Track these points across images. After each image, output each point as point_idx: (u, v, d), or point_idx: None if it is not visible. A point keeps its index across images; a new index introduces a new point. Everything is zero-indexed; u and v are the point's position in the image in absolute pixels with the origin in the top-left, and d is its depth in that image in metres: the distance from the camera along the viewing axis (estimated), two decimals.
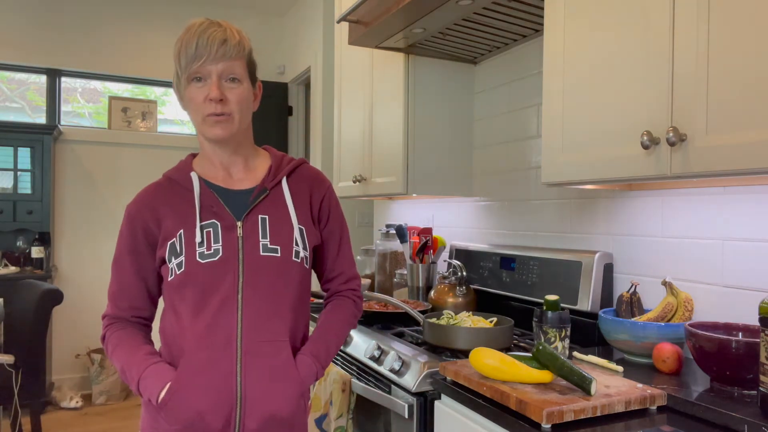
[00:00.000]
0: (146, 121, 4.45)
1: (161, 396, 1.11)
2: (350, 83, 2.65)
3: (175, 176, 1.23)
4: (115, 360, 1.18)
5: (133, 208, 1.21)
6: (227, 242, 1.16)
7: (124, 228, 1.21)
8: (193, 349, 1.14)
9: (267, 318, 1.17)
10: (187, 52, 1.11)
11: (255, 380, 1.14)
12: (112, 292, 1.23)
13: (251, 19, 4.67)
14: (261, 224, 1.18)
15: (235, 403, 1.13)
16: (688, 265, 1.49)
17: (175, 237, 1.16)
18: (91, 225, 4.24)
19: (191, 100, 1.14)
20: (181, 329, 1.16)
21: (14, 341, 2.90)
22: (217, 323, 1.14)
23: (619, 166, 1.26)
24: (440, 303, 2.05)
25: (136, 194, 1.24)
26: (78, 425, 3.53)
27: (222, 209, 1.18)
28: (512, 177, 2.14)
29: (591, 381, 1.10)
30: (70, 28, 4.15)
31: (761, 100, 1.00)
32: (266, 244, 1.17)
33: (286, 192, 1.23)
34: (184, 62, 1.12)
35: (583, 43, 1.37)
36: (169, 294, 1.18)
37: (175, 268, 1.15)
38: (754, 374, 1.14)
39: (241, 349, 1.15)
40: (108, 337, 1.21)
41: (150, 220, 1.19)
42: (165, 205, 1.19)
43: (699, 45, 1.10)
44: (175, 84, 1.19)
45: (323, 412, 1.75)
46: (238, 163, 1.23)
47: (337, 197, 2.80)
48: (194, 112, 1.15)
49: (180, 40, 1.13)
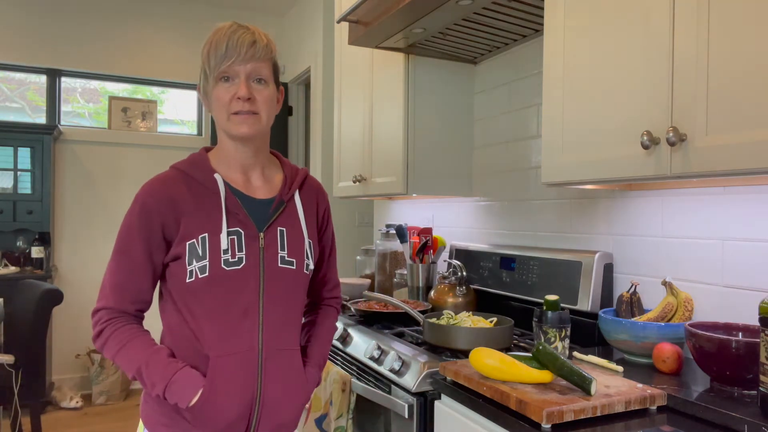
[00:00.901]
0: (146, 121, 4.45)
1: (193, 401, 1.12)
2: (350, 83, 2.65)
3: (194, 173, 1.20)
4: (124, 359, 1.14)
5: (149, 200, 1.16)
6: (250, 251, 1.17)
7: (135, 218, 1.16)
8: (217, 353, 1.14)
9: (282, 326, 1.21)
10: (216, 53, 1.13)
11: (272, 387, 1.18)
12: (116, 284, 1.17)
13: (251, 19, 4.67)
14: (280, 236, 1.21)
15: (254, 410, 1.16)
16: (688, 265, 1.49)
17: (195, 239, 1.15)
18: (91, 225, 4.24)
19: (218, 99, 1.16)
20: (196, 329, 1.16)
21: (14, 341, 2.90)
22: (240, 329, 1.16)
23: (619, 166, 1.26)
24: (440, 303, 2.05)
25: (150, 184, 1.18)
26: (78, 425, 3.53)
27: (246, 218, 1.18)
28: (512, 177, 2.14)
29: (591, 381, 1.10)
30: (70, 28, 4.15)
31: (761, 100, 1.00)
32: (284, 256, 1.21)
33: (299, 205, 1.26)
34: (213, 62, 1.13)
35: (583, 43, 1.37)
36: (182, 294, 1.16)
37: (197, 271, 1.14)
38: (754, 374, 1.14)
39: (262, 355, 1.18)
40: (109, 335, 1.15)
41: (169, 215, 1.15)
42: (186, 202, 1.17)
43: (699, 45, 1.10)
44: (200, 84, 1.20)
45: (323, 412, 1.75)
46: (257, 168, 1.25)
47: (338, 198, 2.81)
48: (220, 110, 1.16)
49: (209, 41, 1.15)
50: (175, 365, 1.13)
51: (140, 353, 1.14)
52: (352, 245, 3.91)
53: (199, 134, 4.69)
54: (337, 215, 3.87)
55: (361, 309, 1.99)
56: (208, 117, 4.62)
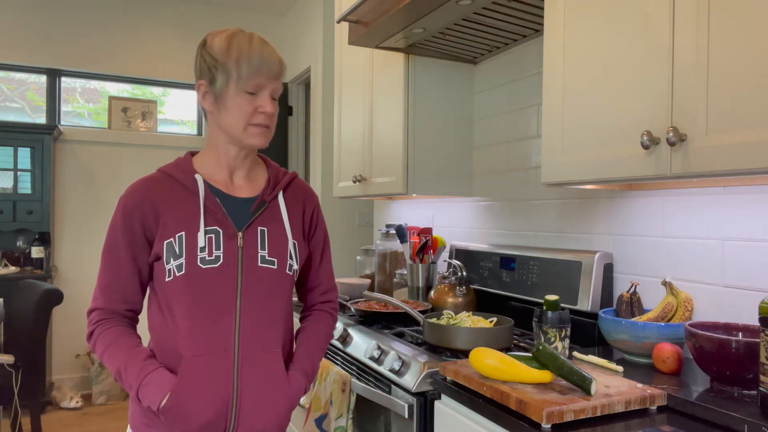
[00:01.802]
0: (146, 121, 4.45)
1: (162, 404, 1.11)
2: (350, 83, 2.65)
3: (176, 174, 1.22)
4: (108, 360, 1.16)
5: (129, 202, 1.19)
6: (228, 250, 1.17)
7: (118, 220, 1.19)
8: (191, 353, 1.14)
9: (262, 328, 1.20)
10: (250, 64, 1.14)
11: (250, 391, 1.17)
12: (104, 285, 1.20)
13: (251, 19, 4.67)
14: (260, 236, 1.21)
15: (230, 413, 1.15)
16: (688, 265, 1.49)
17: (172, 237, 1.16)
18: (91, 225, 4.24)
19: (239, 108, 1.16)
20: (173, 329, 1.16)
21: (14, 341, 2.90)
22: (215, 328, 1.15)
23: (619, 166, 1.26)
24: (440, 303, 2.05)
25: (131, 187, 1.22)
26: (78, 425, 3.53)
27: (225, 217, 1.19)
28: (512, 177, 2.14)
29: (591, 381, 1.10)
30: (70, 28, 4.15)
31: (761, 100, 1.00)
32: (264, 256, 1.20)
33: (282, 206, 1.27)
34: (245, 71, 1.14)
35: (583, 43, 1.37)
36: (163, 293, 1.18)
37: (174, 270, 1.15)
38: (754, 374, 1.14)
39: (238, 357, 1.16)
40: (97, 336, 1.18)
41: (148, 215, 1.18)
42: (164, 202, 1.19)
43: (699, 45, 1.10)
44: (216, 85, 1.16)
45: (323, 412, 1.75)
46: (243, 168, 1.26)
47: (338, 198, 2.81)
48: (237, 118, 1.17)
49: (237, 48, 1.14)
50: (148, 367, 1.13)
51: (121, 355, 1.15)
52: (352, 245, 3.91)
53: (198, 134, 4.69)
54: (337, 215, 3.87)
55: (361, 309, 2.00)
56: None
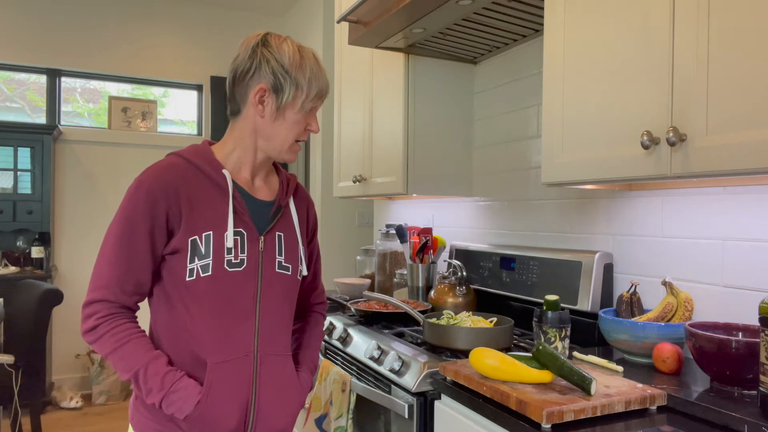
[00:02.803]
0: (146, 121, 4.45)
1: (189, 412, 1.11)
2: (350, 83, 2.65)
3: (201, 165, 1.16)
4: (121, 360, 1.10)
5: (155, 184, 1.11)
6: (251, 254, 1.18)
7: (140, 203, 1.10)
8: (215, 359, 1.13)
9: (276, 331, 1.22)
10: (318, 86, 1.17)
11: (267, 393, 1.19)
12: (115, 276, 1.10)
13: (251, 19, 4.67)
14: (278, 241, 1.23)
15: (248, 416, 1.16)
16: (688, 265, 1.49)
17: (198, 236, 1.12)
18: (91, 225, 4.24)
19: (296, 123, 1.18)
20: (191, 331, 1.13)
21: (14, 341, 2.90)
22: (237, 333, 1.16)
23: (619, 166, 1.26)
24: (440, 303, 2.05)
25: (154, 169, 1.13)
26: (78, 425, 3.53)
27: (249, 220, 1.19)
28: (512, 177, 2.14)
29: (591, 381, 1.10)
30: (70, 28, 4.15)
31: (761, 100, 1.00)
32: (281, 262, 1.22)
33: (293, 211, 1.28)
34: (314, 93, 1.17)
35: (583, 43, 1.37)
36: (180, 293, 1.13)
37: (198, 270, 1.12)
38: (754, 374, 1.14)
39: (257, 360, 1.18)
40: (105, 332, 1.10)
41: (175, 203, 1.12)
42: (192, 193, 1.13)
43: (699, 45, 1.10)
44: (283, 96, 1.15)
45: (323, 412, 1.75)
46: (263, 171, 1.27)
47: (338, 198, 2.81)
48: (290, 133, 1.19)
49: (309, 67, 1.16)
50: (173, 375, 1.10)
51: (139, 357, 1.10)
52: (352, 245, 3.91)
53: (198, 134, 4.68)
54: (337, 215, 3.87)
55: (361, 309, 1.99)
56: (208, 117, 4.62)
